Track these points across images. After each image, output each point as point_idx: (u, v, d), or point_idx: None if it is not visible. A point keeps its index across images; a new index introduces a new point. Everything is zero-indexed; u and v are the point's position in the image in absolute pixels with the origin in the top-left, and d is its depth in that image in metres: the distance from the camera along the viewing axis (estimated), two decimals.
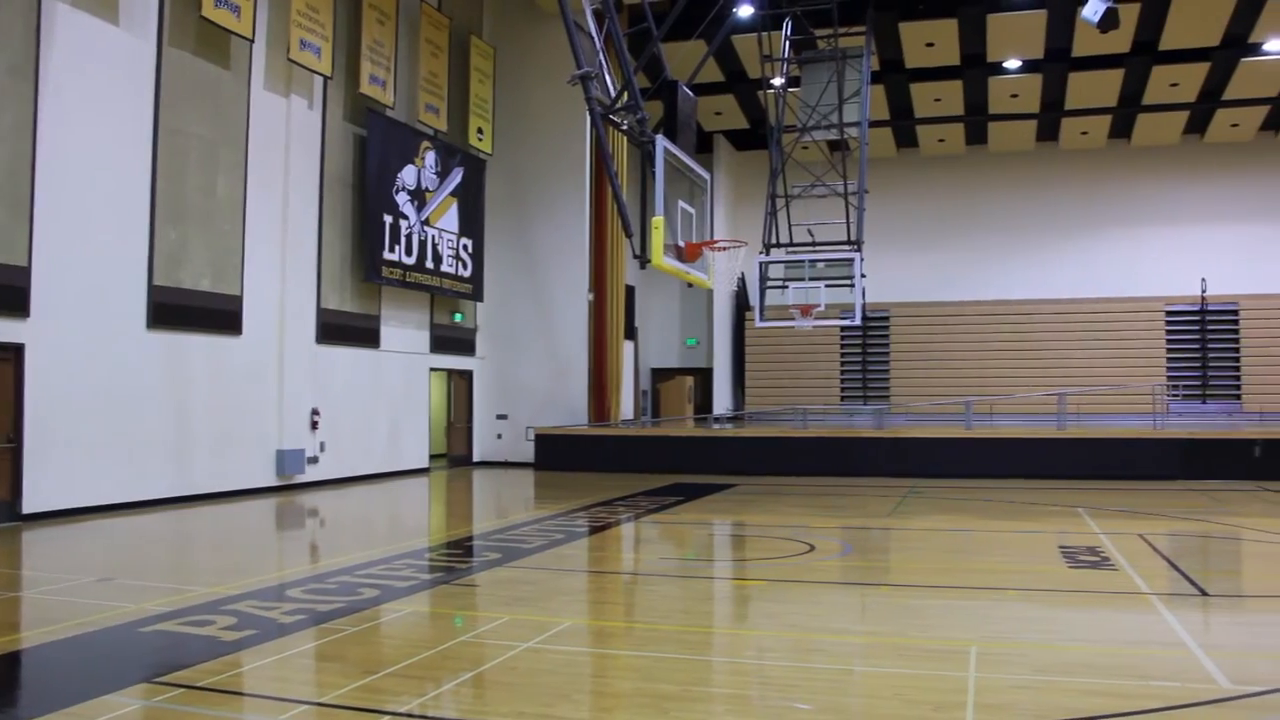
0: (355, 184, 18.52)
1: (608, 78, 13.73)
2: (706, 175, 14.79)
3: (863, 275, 19.21)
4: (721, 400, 28.15)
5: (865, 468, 19.16)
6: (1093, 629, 7.05)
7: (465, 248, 21.22)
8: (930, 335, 27.25)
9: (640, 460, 20.33)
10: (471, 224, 21.47)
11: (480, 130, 21.75)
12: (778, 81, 20.59)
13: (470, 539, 11.86)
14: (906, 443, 19.89)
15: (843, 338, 27.64)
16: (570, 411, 22.09)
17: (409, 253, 19.31)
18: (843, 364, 27.93)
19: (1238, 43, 21.28)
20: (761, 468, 19.46)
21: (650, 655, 6.24)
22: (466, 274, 21.28)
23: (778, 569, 9.54)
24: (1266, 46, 21.41)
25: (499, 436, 22.43)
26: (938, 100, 24.30)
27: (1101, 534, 11.41)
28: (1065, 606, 7.80)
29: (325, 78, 17.26)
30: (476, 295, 21.75)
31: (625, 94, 13.24)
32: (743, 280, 28.68)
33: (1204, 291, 26.10)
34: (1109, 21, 17.15)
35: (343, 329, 18.18)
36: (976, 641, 6.45)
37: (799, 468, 19.35)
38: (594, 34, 13.69)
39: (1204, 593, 8.44)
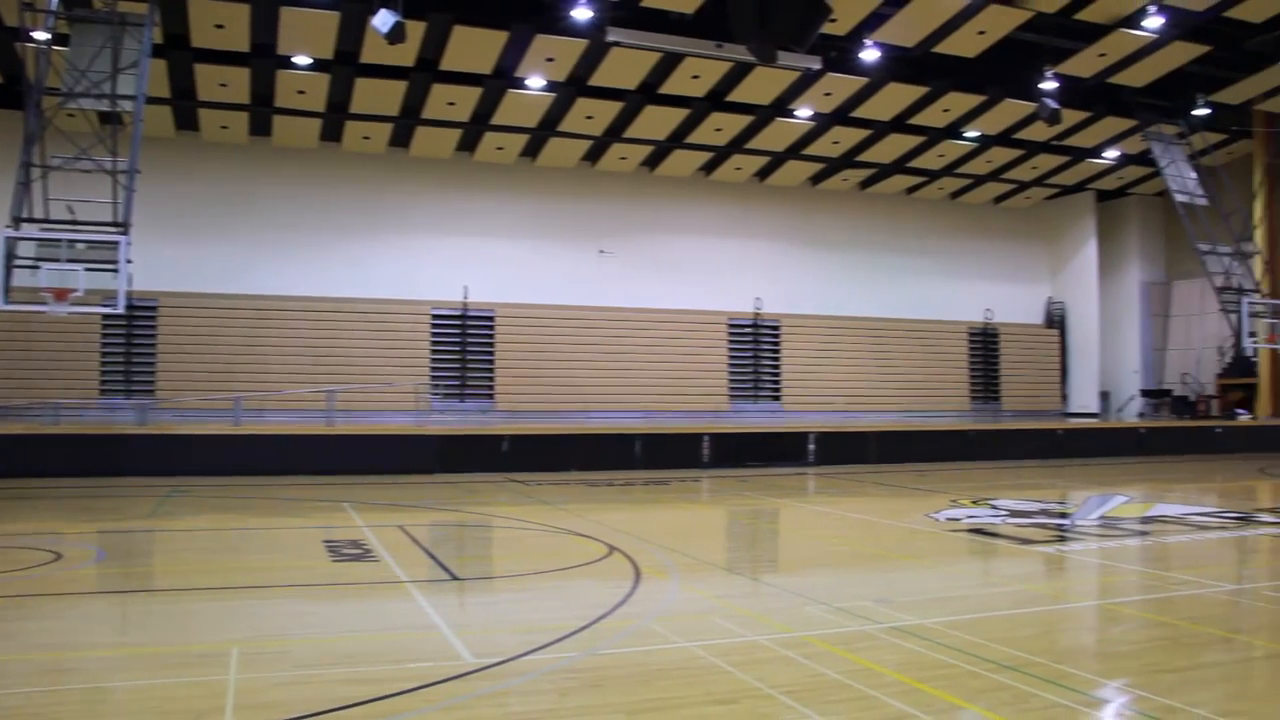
0: None
1: None
2: None
3: (129, 260, 17.98)
4: None
5: (127, 466, 17.90)
6: (354, 620, 7.28)
7: None
8: (203, 328, 26.23)
9: None
10: None
11: None
12: (41, 36, 18.50)
13: None
14: (172, 439, 19.01)
15: (104, 327, 25.59)
16: None
17: None
18: (104, 355, 25.82)
19: (505, 75, 23.51)
20: (2, 469, 17.33)
21: None
22: None
23: (18, 583, 8.54)
24: (529, 82, 23.95)
25: None
26: (223, 85, 23.51)
27: (365, 527, 11.86)
28: (328, 600, 7.97)
29: None
30: None
31: None
32: None
33: (465, 299, 28.34)
34: (397, 34, 17.96)
35: None
36: (239, 642, 6.33)
37: (49, 468, 17.52)
38: None
39: (455, 577, 9.14)
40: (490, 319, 28.55)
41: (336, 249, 28.07)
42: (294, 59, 22.37)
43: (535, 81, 23.99)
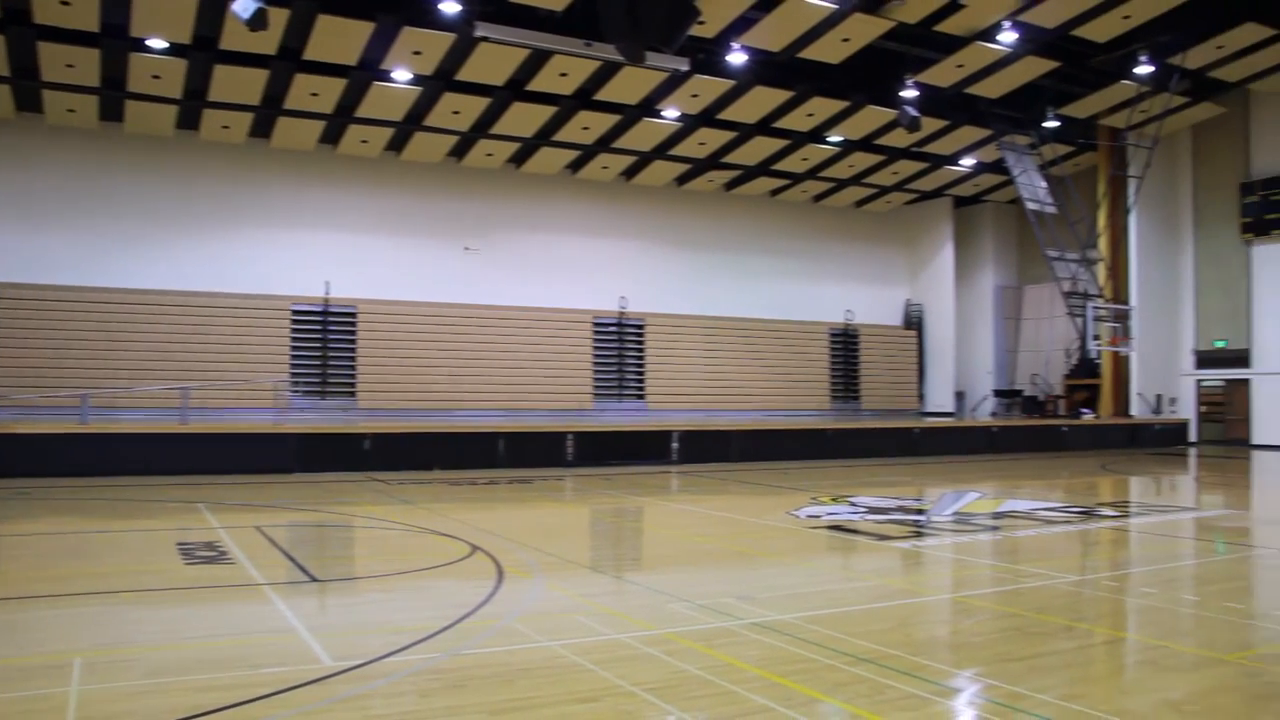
0: None
1: None
2: None
3: None
4: None
5: None
6: (208, 625, 7.04)
7: None
8: (47, 321, 24.92)
9: None
10: None
11: None
12: None
13: None
14: (11, 439, 18.07)
15: None
16: None
17: None
18: None
19: (371, 67, 23.03)
20: None
21: None
22: None
23: None
24: (395, 75, 23.52)
25: None
26: (71, 66, 22.43)
27: (220, 528, 11.50)
28: (181, 605, 7.69)
29: None
30: None
31: None
32: None
33: (327, 294, 27.71)
34: (259, 21, 17.41)
35: None
36: (82, 652, 6.06)
37: None
38: None
39: (314, 579, 8.93)
40: (352, 315, 28.00)
41: (192, 241, 27.14)
42: (148, 41, 21.46)
43: (401, 74, 23.60)
